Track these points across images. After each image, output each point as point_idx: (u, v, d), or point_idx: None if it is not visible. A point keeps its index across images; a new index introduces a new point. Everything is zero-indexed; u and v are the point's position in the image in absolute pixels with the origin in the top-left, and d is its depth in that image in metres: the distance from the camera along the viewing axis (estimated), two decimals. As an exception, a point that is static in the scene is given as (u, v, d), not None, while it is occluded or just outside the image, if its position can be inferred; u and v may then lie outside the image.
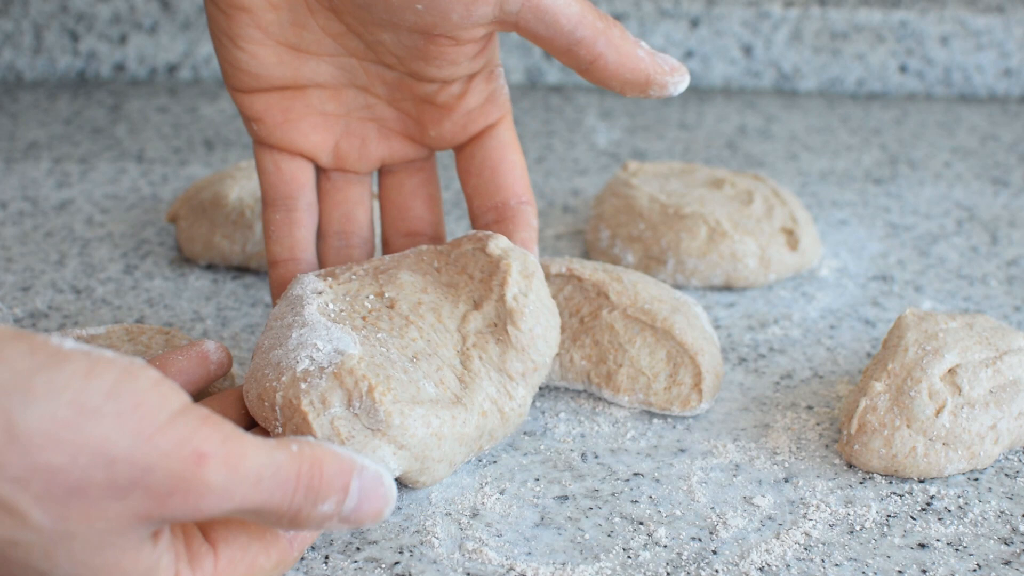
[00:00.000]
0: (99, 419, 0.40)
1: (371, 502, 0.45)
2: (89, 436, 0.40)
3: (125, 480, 0.40)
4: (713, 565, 0.52)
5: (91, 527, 0.41)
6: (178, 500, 0.41)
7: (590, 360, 0.62)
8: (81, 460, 0.40)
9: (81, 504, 0.40)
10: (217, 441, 0.42)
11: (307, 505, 0.44)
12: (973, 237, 0.82)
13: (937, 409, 0.57)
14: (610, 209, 0.76)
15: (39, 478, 0.40)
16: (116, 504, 0.41)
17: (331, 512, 0.45)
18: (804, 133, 0.99)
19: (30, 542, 0.41)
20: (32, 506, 0.40)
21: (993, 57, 1.06)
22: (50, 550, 0.41)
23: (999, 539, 0.54)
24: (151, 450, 0.41)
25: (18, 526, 0.40)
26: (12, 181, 0.88)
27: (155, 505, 0.41)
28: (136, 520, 0.41)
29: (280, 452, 0.44)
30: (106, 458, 0.40)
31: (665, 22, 1.06)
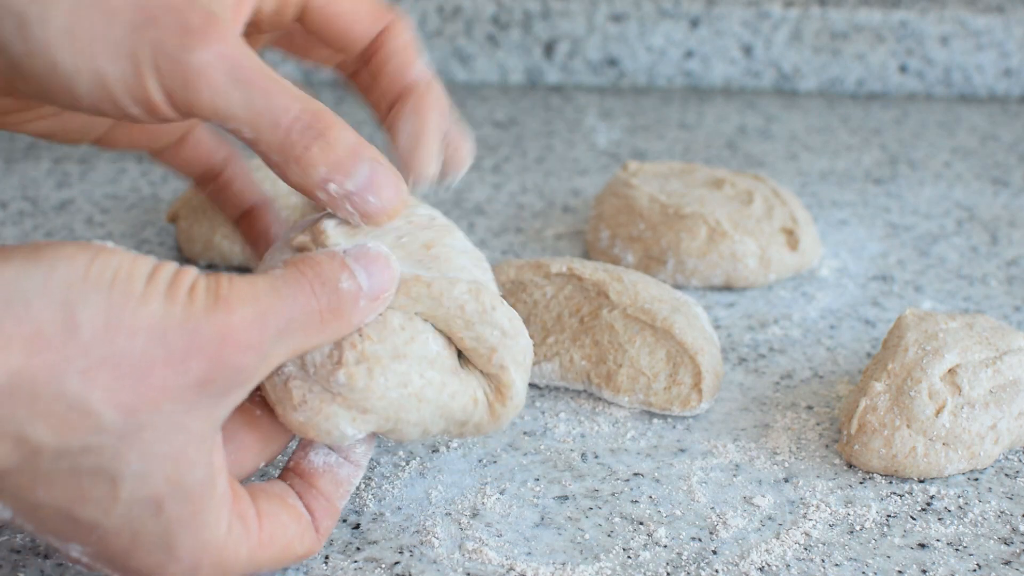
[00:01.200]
0: (146, 300, 0.42)
1: (371, 263, 0.47)
2: (141, 317, 0.41)
3: (180, 349, 0.42)
4: (713, 565, 0.52)
5: (159, 412, 0.42)
6: (230, 347, 0.43)
7: (590, 360, 0.62)
8: (138, 342, 0.41)
9: (147, 388, 0.41)
10: (228, 283, 0.44)
11: (332, 293, 0.45)
12: (973, 237, 0.82)
13: (937, 409, 0.57)
14: (610, 209, 0.76)
15: (106, 368, 0.41)
16: (179, 379, 0.42)
17: (355, 288, 0.46)
18: (804, 133, 0.99)
19: (102, 445, 0.41)
20: (103, 403, 0.41)
21: (993, 57, 1.06)
22: (121, 449, 0.42)
23: (999, 539, 0.54)
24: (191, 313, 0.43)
25: (92, 428, 0.41)
26: (12, 181, 0.88)
27: (212, 364, 0.42)
28: (200, 391, 0.42)
29: (276, 270, 0.46)
30: (160, 333, 0.42)
31: (665, 22, 1.06)
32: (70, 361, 0.40)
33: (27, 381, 0.40)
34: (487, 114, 1.01)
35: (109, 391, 0.41)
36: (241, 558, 0.46)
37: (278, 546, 0.48)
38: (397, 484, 0.56)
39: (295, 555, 0.49)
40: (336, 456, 0.51)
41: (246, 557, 0.46)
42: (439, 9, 1.05)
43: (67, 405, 0.40)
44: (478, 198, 0.86)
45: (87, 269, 0.42)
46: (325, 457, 0.50)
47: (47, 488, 0.42)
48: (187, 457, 0.43)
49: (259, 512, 0.47)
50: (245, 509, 0.47)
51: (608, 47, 1.07)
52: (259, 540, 0.47)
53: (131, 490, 0.43)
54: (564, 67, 1.07)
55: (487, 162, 0.92)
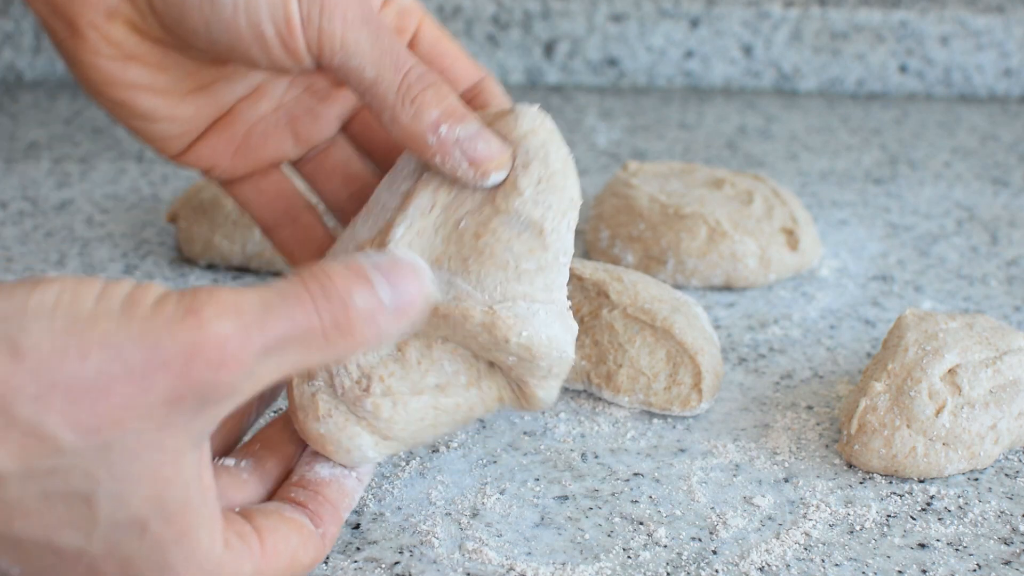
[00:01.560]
0: (95, 320, 0.40)
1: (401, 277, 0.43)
2: (91, 337, 0.40)
3: (140, 365, 0.40)
4: (713, 565, 0.52)
5: (124, 431, 0.40)
6: (199, 363, 0.40)
7: (590, 360, 0.62)
8: (92, 361, 0.39)
9: (107, 407, 0.40)
10: (205, 296, 0.41)
11: (339, 310, 0.42)
12: (973, 237, 0.82)
13: (937, 409, 0.57)
14: (610, 209, 0.76)
15: (58, 392, 0.39)
16: (141, 397, 0.40)
17: (374, 305, 0.42)
18: (804, 133, 0.99)
19: (68, 467, 0.40)
20: (60, 426, 0.39)
21: (993, 57, 1.06)
22: (90, 469, 0.40)
23: (999, 539, 0.54)
24: (149, 327, 0.40)
25: (51, 451, 0.39)
26: (12, 181, 0.88)
27: (180, 381, 0.40)
28: (170, 408, 0.40)
29: (275, 283, 0.43)
30: (114, 351, 0.40)
31: (665, 22, 1.06)
32: (19, 388, 0.39)
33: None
34: (487, 114, 1.01)
35: (63, 414, 0.39)
36: (245, 574, 0.45)
37: (284, 558, 0.47)
38: (397, 484, 0.56)
39: (302, 564, 0.48)
40: (342, 469, 0.51)
41: (251, 573, 0.46)
42: (439, 9, 1.05)
43: (21, 431, 0.39)
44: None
45: (25, 300, 0.40)
46: (331, 469, 0.51)
47: (23, 518, 0.41)
48: (164, 475, 0.42)
49: (257, 528, 0.47)
50: (241, 527, 0.46)
51: (608, 47, 1.07)
52: (262, 553, 0.46)
53: (109, 511, 0.41)
54: (564, 67, 1.07)
55: (487, 162, 0.92)
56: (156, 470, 0.41)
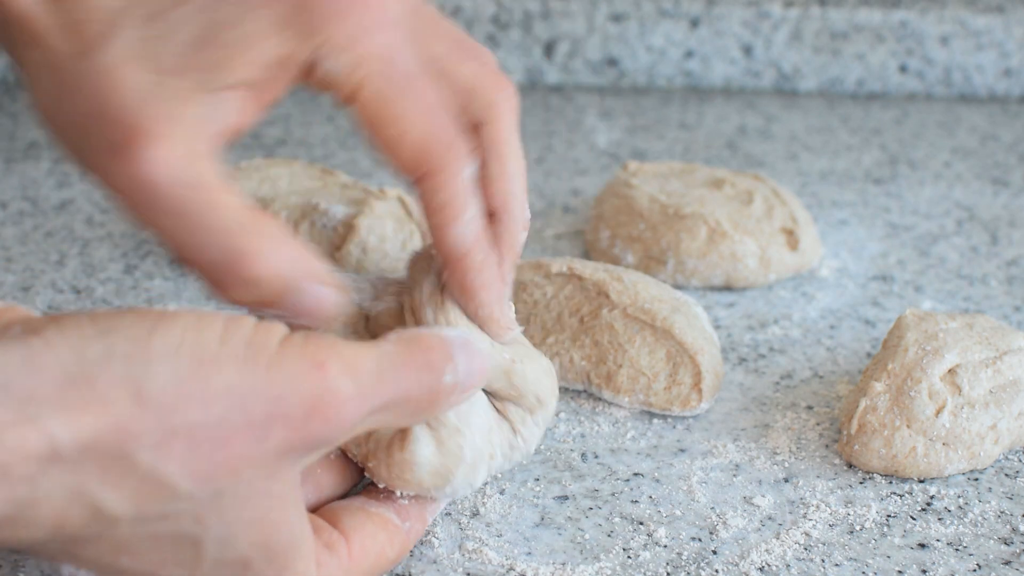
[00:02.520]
0: (219, 364, 0.40)
1: (473, 359, 0.46)
2: (215, 384, 0.40)
3: (261, 416, 0.40)
4: (713, 565, 0.52)
5: (238, 480, 0.40)
6: (317, 420, 0.41)
7: (590, 360, 0.62)
8: (215, 409, 0.39)
9: (225, 457, 0.40)
10: (329, 349, 0.42)
11: (435, 381, 0.44)
12: (973, 237, 0.82)
13: (937, 409, 0.57)
14: (610, 209, 0.76)
15: (179, 439, 0.39)
16: (258, 447, 0.40)
17: (454, 383, 0.45)
18: (804, 133, 0.99)
19: (180, 512, 0.40)
20: (178, 474, 0.39)
21: (993, 57, 1.06)
22: (200, 515, 0.41)
23: (999, 539, 0.54)
24: (275, 377, 0.40)
25: (167, 498, 0.39)
26: (12, 181, 0.88)
27: (296, 434, 0.41)
28: (281, 457, 0.41)
29: (385, 345, 0.44)
30: (238, 399, 0.40)
31: (665, 22, 1.06)
32: (141, 434, 0.39)
33: (97, 452, 0.38)
34: (487, 114, 1.01)
35: (184, 462, 0.39)
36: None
37: (371, 557, 0.47)
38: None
39: (388, 560, 0.48)
40: None
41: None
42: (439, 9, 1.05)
43: (139, 478, 0.39)
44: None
45: (148, 340, 0.40)
46: None
47: (130, 555, 0.41)
48: (271, 520, 0.42)
49: (344, 530, 0.47)
50: (329, 537, 0.46)
51: (608, 47, 1.07)
52: (350, 558, 0.46)
53: (215, 553, 0.42)
54: (564, 67, 1.07)
55: (487, 162, 0.92)
56: (263, 516, 0.42)
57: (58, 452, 0.38)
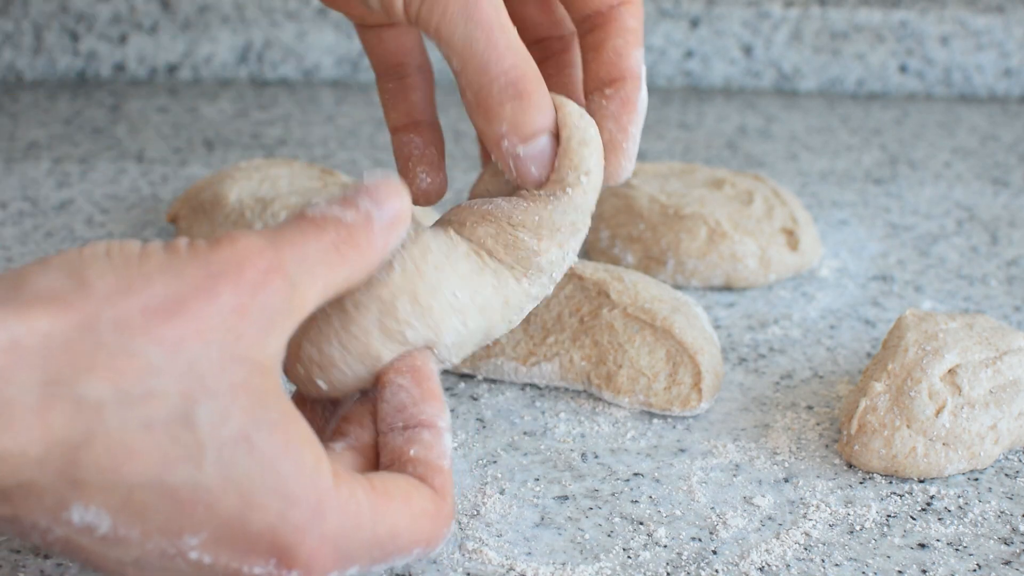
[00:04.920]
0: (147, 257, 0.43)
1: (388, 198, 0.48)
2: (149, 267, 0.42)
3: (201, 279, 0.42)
4: (713, 565, 0.52)
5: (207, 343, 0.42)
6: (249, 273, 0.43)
7: (590, 361, 0.62)
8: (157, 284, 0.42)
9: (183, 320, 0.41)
10: (231, 230, 0.46)
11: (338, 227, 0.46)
12: (973, 237, 0.82)
13: (937, 409, 0.57)
14: (610, 209, 0.76)
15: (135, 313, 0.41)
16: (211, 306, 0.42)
17: (362, 218, 0.47)
18: (804, 133, 0.99)
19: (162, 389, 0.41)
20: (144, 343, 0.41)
21: (993, 57, 1.06)
22: (183, 388, 0.41)
23: (999, 539, 0.54)
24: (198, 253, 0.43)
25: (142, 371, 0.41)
26: (12, 181, 0.88)
27: (239, 288, 0.43)
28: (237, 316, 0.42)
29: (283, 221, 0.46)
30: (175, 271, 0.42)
31: (665, 22, 1.06)
32: (96, 315, 0.40)
33: (59, 340, 0.40)
34: (487, 114, 1.01)
35: (145, 331, 0.40)
36: (363, 504, 0.44)
37: (396, 498, 0.45)
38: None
39: (424, 510, 0.46)
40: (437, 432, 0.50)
41: (368, 505, 0.45)
42: (439, 9, 1.05)
43: (108, 354, 0.40)
44: (478, 198, 0.86)
45: (78, 253, 0.42)
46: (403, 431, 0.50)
47: (130, 458, 0.40)
48: (255, 385, 0.42)
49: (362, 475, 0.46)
50: (345, 465, 0.46)
51: (608, 47, 1.06)
52: (372, 487, 0.45)
53: (211, 429, 0.41)
54: (564, 67, 1.07)
55: (487, 162, 0.92)
56: (246, 380, 0.42)
57: (19, 344, 0.39)
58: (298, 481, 0.43)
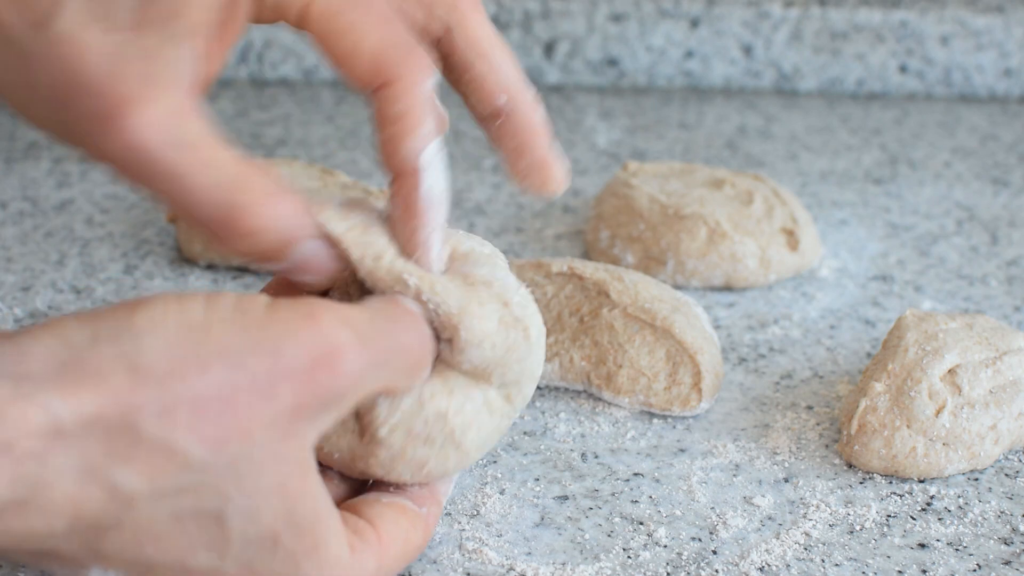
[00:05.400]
0: (208, 329, 0.40)
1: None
2: (208, 347, 0.39)
3: (263, 373, 0.40)
4: (713, 565, 0.52)
5: (252, 443, 0.40)
6: (323, 371, 0.41)
7: (590, 361, 0.62)
8: (214, 372, 0.39)
9: (233, 418, 0.39)
10: (318, 304, 0.42)
11: (424, 338, 0.45)
12: (973, 237, 0.82)
13: (937, 409, 0.57)
14: (610, 209, 0.76)
15: (183, 406, 0.39)
16: (266, 406, 0.40)
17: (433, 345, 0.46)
18: (804, 133, 0.99)
19: (198, 484, 0.40)
20: (188, 440, 0.39)
21: (993, 57, 1.06)
22: (219, 486, 0.40)
23: (999, 539, 0.54)
24: (270, 333, 0.40)
25: (180, 468, 0.39)
26: (12, 181, 0.88)
27: (304, 388, 0.40)
28: (292, 417, 0.40)
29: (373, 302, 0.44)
30: (237, 359, 0.39)
31: (665, 22, 1.06)
32: (143, 405, 0.38)
33: (101, 427, 0.38)
34: (487, 114, 1.01)
35: (190, 428, 0.39)
36: (370, 568, 0.45)
37: (399, 544, 0.46)
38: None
39: (416, 546, 0.47)
40: None
41: (375, 568, 0.45)
42: (439, 9, 1.05)
43: (148, 448, 0.38)
44: (478, 198, 0.86)
45: (130, 318, 0.40)
46: None
47: (155, 542, 0.40)
48: (293, 488, 0.42)
49: (369, 519, 0.46)
50: (355, 524, 0.46)
51: (608, 47, 1.07)
52: (381, 545, 0.46)
53: (241, 528, 0.41)
54: (564, 67, 1.07)
55: (487, 162, 0.92)
56: (284, 483, 0.41)
57: (61, 428, 0.37)
58: (316, 574, 0.43)
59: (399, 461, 0.48)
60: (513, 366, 0.48)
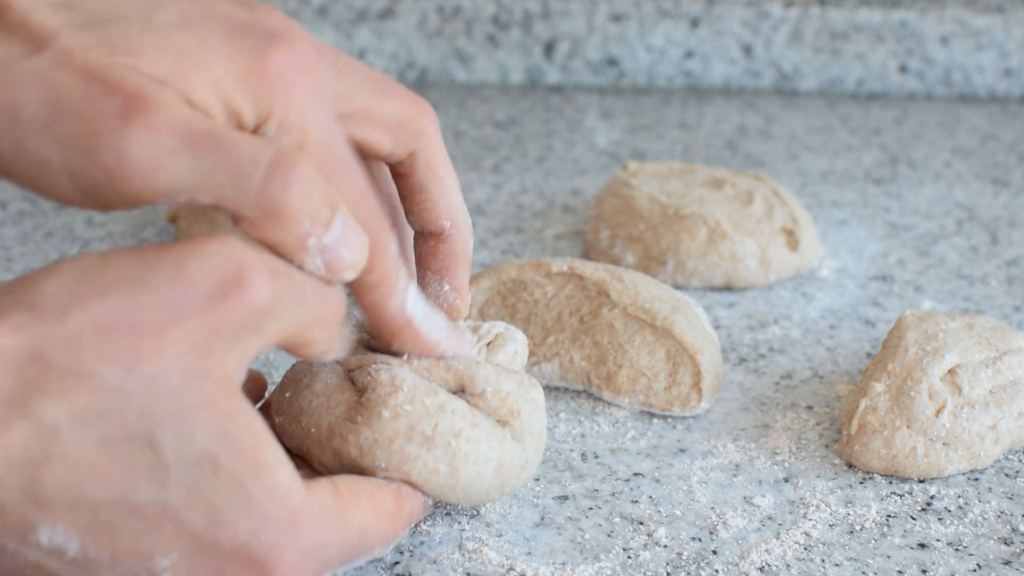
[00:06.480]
0: (105, 267, 0.41)
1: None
2: (107, 277, 0.40)
3: (168, 292, 0.40)
4: (713, 565, 0.52)
5: (166, 361, 0.40)
6: (233, 290, 0.41)
7: (590, 361, 0.62)
8: (115, 295, 0.40)
9: (141, 339, 0.40)
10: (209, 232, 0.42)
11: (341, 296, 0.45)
12: (973, 237, 0.82)
13: (937, 409, 0.57)
14: (610, 209, 0.76)
15: (86, 331, 0.39)
16: (176, 324, 0.40)
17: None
18: (804, 133, 1.00)
19: (120, 407, 0.40)
20: (96, 362, 0.39)
21: (993, 57, 1.06)
22: (143, 407, 0.40)
23: (999, 539, 0.54)
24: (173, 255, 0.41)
25: (96, 390, 0.39)
26: (12, 181, 0.88)
27: (214, 307, 0.40)
28: (208, 338, 0.41)
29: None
30: (138, 282, 0.40)
31: (665, 22, 1.06)
32: (45, 336, 0.39)
33: (10, 363, 0.39)
34: (487, 114, 1.01)
35: (97, 351, 0.39)
36: (332, 510, 0.44)
37: (362, 498, 0.46)
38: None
39: (387, 509, 0.47)
40: None
41: (336, 510, 0.44)
42: (439, 9, 1.05)
43: (60, 375, 0.39)
44: (478, 198, 0.86)
45: (33, 275, 0.41)
46: None
47: (92, 475, 0.40)
48: (222, 406, 0.41)
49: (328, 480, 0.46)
50: (310, 474, 0.45)
51: (608, 47, 1.07)
52: (338, 492, 0.45)
53: (174, 450, 0.40)
54: (564, 67, 1.07)
55: (487, 162, 0.92)
56: (212, 401, 0.41)
57: None
58: (270, 500, 0.42)
59: (382, 447, 0.47)
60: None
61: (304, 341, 0.45)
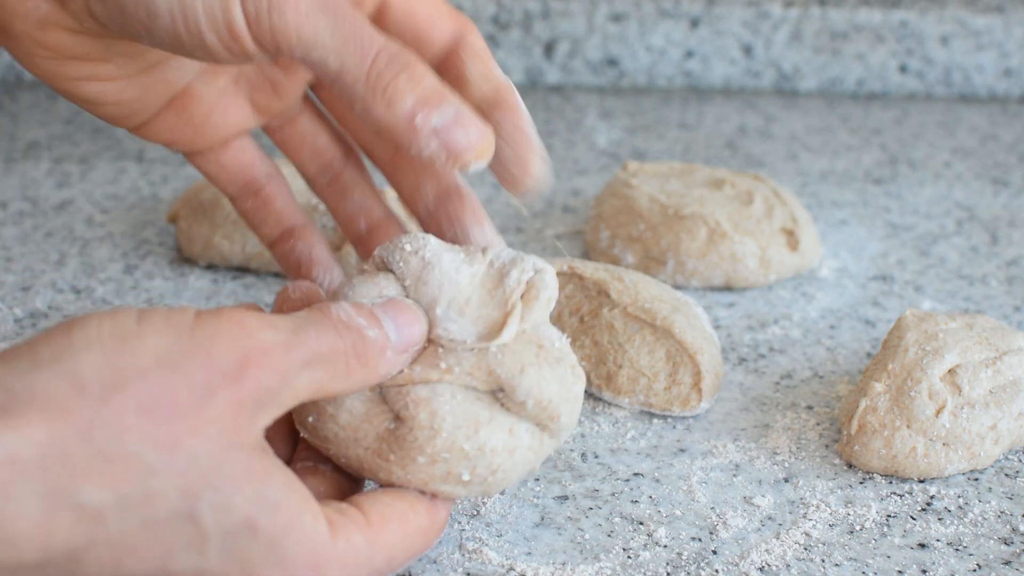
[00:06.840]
0: (142, 339, 0.41)
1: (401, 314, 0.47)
2: (144, 356, 0.41)
3: (199, 374, 0.41)
4: (713, 565, 0.52)
5: (205, 439, 0.41)
6: (252, 369, 0.42)
7: (590, 361, 0.62)
8: (152, 377, 0.41)
9: (180, 420, 0.41)
10: (243, 311, 0.43)
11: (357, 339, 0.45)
12: (973, 237, 0.82)
13: (937, 409, 0.57)
14: (610, 209, 0.76)
15: (130, 414, 0.40)
16: (207, 405, 0.41)
17: (382, 338, 0.46)
18: (804, 133, 1.00)
19: (162, 489, 0.40)
20: (141, 445, 0.40)
21: (993, 57, 1.06)
22: (183, 486, 0.41)
23: (999, 539, 0.54)
24: (199, 339, 0.42)
25: (141, 473, 0.40)
26: (12, 181, 0.88)
27: (237, 387, 0.42)
28: (234, 414, 0.42)
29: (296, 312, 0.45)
30: (170, 364, 0.41)
31: (665, 22, 1.06)
32: (91, 419, 0.40)
33: (57, 449, 0.39)
34: (487, 114, 1.01)
35: (141, 433, 0.40)
36: (360, 546, 0.45)
37: (395, 524, 0.46)
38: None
39: (418, 528, 0.47)
40: None
41: (364, 544, 0.45)
42: (439, 9, 1.05)
43: (106, 460, 0.40)
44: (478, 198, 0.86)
45: (68, 337, 0.41)
46: None
47: (132, 554, 0.41)
48: (257, 470, 0.42)
49: (355, 503, 0.46)
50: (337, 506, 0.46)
51: (608, 47, 1.07)
52: (370, 525, 0.45)
53: (216, 522, 0.42)
54: (564, 67, 1.07)
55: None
56: (247, 468, 0.42)
57: (16, 459, 0.38)
58: (299, 550, 0.43)
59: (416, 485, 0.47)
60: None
61: (328, 396, 0.46)
